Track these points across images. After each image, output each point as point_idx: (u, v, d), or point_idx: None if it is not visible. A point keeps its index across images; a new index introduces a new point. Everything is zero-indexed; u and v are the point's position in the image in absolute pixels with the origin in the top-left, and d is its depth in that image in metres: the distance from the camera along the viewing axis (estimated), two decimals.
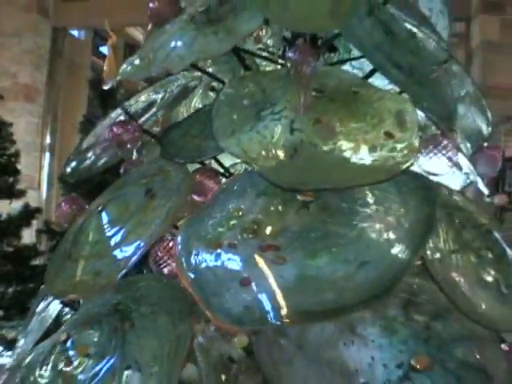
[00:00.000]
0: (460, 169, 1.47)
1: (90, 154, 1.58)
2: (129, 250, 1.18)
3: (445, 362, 1.03)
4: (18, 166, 2.71)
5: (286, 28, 1.26)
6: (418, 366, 0.97)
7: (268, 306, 0.89)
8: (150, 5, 1.51)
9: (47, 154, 5.96)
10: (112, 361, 1.07)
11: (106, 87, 2.27)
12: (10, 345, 2.46)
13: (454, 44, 6.11)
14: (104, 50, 7.44)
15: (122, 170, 1.70)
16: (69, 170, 1.56)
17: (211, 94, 1.72)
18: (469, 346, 1.09)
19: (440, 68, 1.36)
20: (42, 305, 1.57)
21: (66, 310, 1.54)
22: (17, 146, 2.72)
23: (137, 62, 1.50)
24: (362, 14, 1.18)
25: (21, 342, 1.60)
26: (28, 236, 2.96)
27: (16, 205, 2.80)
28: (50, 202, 5.53)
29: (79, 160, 1.59)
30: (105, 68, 3.22)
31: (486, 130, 1.57)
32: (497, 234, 1.33)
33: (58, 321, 1.60)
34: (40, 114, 5.67)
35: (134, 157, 1.71)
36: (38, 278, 2.71)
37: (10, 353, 2.56)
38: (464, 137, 1.61)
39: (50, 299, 1.47)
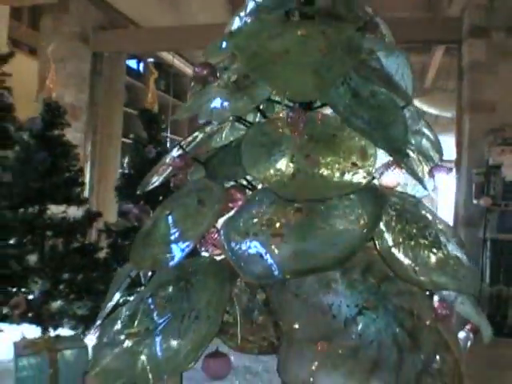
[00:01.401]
0: (420, 182, 2.07)
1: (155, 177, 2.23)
2: (181, 246, 1.82)
3: (386, 306, 1.63)
4: (81, 180, 3.38)
5: (286, 97, 1.89)
6: (368, 306, 1.59)
7: (276, 268, 1.52)
8: (196, 70, 2.16)
9: (88, 163, 6.65)
10: (182, 308, 1.70)
11: (171, 118, 2.90)
12: (80, 320, 3.11)
13: (449, 63, 6.66)
14: (131, 63, 8.13)
15: (172, 185, 2.34)
16: (141, 187, 2.21)
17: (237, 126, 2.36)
18: (404, 297, 1.70)
19: (398, 113, 1.97)
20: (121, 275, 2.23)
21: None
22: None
23: (186, 109, 2.18)
24: (337, 84, 1.81)
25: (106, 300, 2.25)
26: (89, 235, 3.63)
27: (74, 209, 3.45)
28: (92, 204, 6.20)
29: (147, 180, 2.24)
30: (149, 99, 3.90)
31: (437, 158, 2.18)
32: (434, 228, 1.93)
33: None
34: (83, 130, 6.36)
35: (180, 176, 2.34)
36: (99, 268, 3.37)
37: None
38: (422, 158, 2.22)
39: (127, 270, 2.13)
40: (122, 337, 1.82)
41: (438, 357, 1.93)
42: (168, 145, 6.00)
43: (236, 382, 2.53)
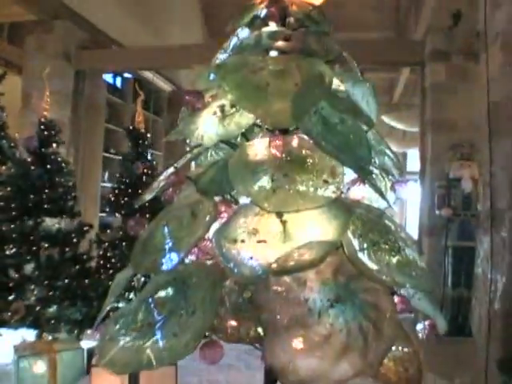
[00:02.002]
0: (381, 196, 2.38)
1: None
2: (177, 253, 2.11)
3: (353, 300, 1.93)
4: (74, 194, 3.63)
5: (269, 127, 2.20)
6: (338, 300, 1.90)
7: (260, 269, 1.82)
8: (187, 97, 2.46)
9: None
10: (180, 305, 1.98)
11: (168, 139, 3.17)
12: (75, 324, 3.33)
13: (415, 80, 7.08)
14: (107, 77, 8.34)
15: (163, 199, 2.62)
16: (138, 201, 2.49)
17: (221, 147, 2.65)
18: (369, 293, 2.01)
19: (362, 137, 2.29)
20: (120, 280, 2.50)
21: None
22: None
23: (177, 132, 2.47)
24: (310, 113, 2.13)
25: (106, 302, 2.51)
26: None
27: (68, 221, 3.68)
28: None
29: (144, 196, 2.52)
30: (137, 119, 4.17)
31: (396, 174, 2.51)
32: (394, 235, 2.25)
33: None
34: (65, 146, 6.54)
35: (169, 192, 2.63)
36: (91, 275, 3.60)
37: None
38: (385, 174, 2.55)
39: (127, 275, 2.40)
40: (127, 332, 2.09)
41: (399, 345, 2.27)
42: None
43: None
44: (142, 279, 2.71)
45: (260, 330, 2.07)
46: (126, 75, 8.06)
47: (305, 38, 2.47)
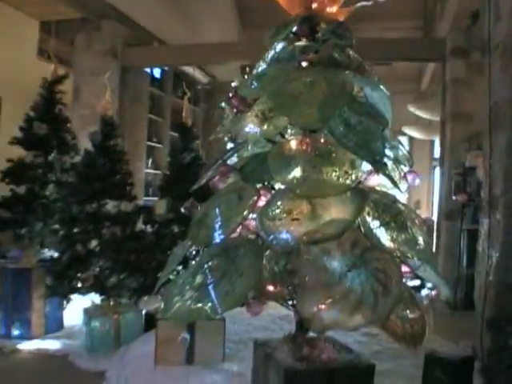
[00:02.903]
0: (394, 184, 2.85)
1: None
2: (227, 228, 2.64)
3: (367, 267, 2.42)
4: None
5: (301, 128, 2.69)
6: (354, 266, 2.40)
7: (294, 241, 2.34)
8: (233, 102, 2.97)
9: None
10: (230, 269, 2.51)
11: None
12: (134, 291, 3.89)
13: (436, 78, 7.42)
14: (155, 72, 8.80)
15: (211, 186, 3.14)
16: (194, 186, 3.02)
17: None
18: (379, 262, 2.50)
19: (378, 135, 2.76)
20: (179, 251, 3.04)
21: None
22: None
23: (224, 130, 3.00)
24: (334, 116, 2.61)
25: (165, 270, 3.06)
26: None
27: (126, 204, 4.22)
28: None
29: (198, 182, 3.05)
30: (184, 114, 4.69)
31: (407, 166, 2.96)
32: (404, 215, 2.72)
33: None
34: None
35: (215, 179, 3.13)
36: (146, 250, 4.15)
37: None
38: (398, 166, 3.01)
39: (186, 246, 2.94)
40: (187, 291, 2.62)
41: (407, 308, 2.77)
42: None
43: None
44: (194, 252, 3.23)
45: (292, 290, 2.59)
46: (166, 68, 8.60)
47: (331, 51, 2.92)
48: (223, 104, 4.70)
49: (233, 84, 9.06)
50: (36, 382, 3.14)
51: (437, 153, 10.55)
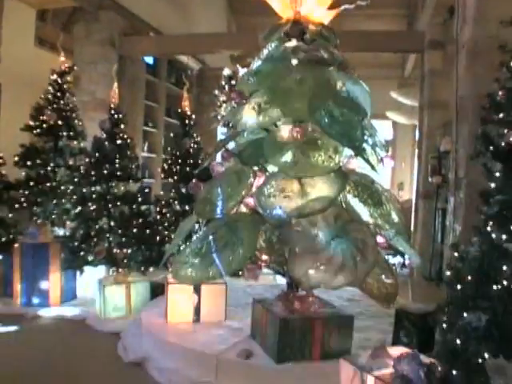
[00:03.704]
0: (371, 167, 3.29)
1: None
2: (229, 204, 3.09)
3: (347, 236, 2.87)
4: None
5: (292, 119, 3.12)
6: (337, 236, 2.86)
7: (286, 214, 2.79)
8: (233, 96, 3.39)
9: None
10: (232, 239, 2.96)
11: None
12: (141, 263, 4.32)
13: (418, 65, 7.85)
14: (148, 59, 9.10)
15: (211, 169, 3.58)
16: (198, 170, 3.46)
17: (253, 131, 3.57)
18: (358, 232, 2.95)
19: (357, 125, 3.20)
20: (184, 224, 3.48)
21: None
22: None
23: (224, 120, 3.43)
24: (320, 109, 3.05)
25: (173, 242, 3.51)
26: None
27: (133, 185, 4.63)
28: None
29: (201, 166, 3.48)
30: (183, 103, 5.09)
31: (382, 152, 3.39)
32: (380, 193, 3.18)
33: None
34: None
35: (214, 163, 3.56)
36: (151, 227, 4.57)
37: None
38: (376, 151, 3.45)
39: (192, 221, 3.38)
40: (194, 258, 3.07)
41: (382, 273, 3.23)
42: None
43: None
44: (197, 227, 3.68)
45: (284, 257, 3.05)
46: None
47: (317, 51, 3.34)
48: (216, 92, 5.12)
49: (224, 72, 9.47)
50: (59, 340, 3.56)
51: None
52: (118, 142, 4.40)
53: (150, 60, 9.13)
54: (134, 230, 4.24)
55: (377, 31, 7.35)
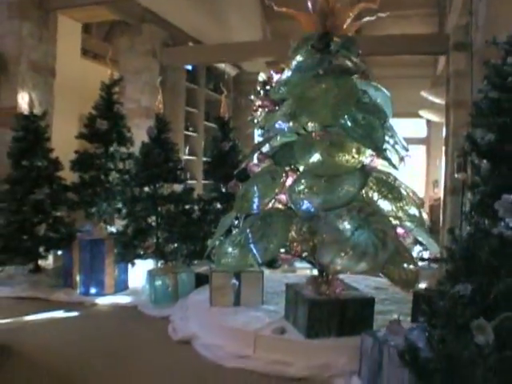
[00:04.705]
0: (392, 166, 3.61)
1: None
2: (265, 201, 3.46)
3: (369, 227, 3.19)
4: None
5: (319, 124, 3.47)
6: (360, 226, 3.19)
7: (315, 209, 3.14)
8: (266, 103, 3.77)
9: None
10: (267, 231, 3.33)
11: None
12: (186, 256, 4.73)
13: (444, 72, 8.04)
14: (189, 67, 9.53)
15: (248, 169, 3.96)
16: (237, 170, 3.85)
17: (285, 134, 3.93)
18: (379, 224, 3.28)
19: (379, 127, 3.52)
20: (225, 220, 3.88)
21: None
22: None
23: (258, 126, 3.81)
24: (344, 115, 3.39)
25: (214, 236, 3.91)
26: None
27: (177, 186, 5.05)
28: None
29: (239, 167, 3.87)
30: (222, 109, 5.48)
31: (403, 153, 3.70)
32: (401, 188, 3.50)
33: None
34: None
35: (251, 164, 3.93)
36: (194, 224, 4.98)
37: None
38: (395, 151, 3.76)
39: (232, 216, 3.77)
40: (234, 248, 3.46)
41: (403, 261, 3.53)
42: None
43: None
44: (236, 222, 4.07)
45: (313, 247, 3.40)
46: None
47: (341, 61, 3.67)
48: (252, 97, 5.54)
49: (259, 77, 9.91)
50: (116, 323, 3.99)
51: None
52: (164, 147, 4.80)
53: (189, 66, 9.57)
54: (180, 227, 4.63)
55: (402, 35, 7.61)
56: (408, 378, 2.20)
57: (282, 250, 3.43)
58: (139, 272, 4.87)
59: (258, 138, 9.41)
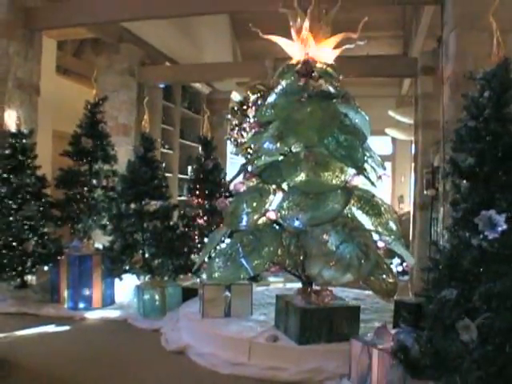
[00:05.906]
0: (371, 183, 3.88)
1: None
2: (253, 217, 3.69)
3: (353, 240, 3.43)
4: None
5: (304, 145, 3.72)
6: (344, 241, 3.44)
7: (302, 224, 3.38)
8: (253, 125, 4.01)
9: None
10: (257, 245, 3.55)
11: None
12: (172, 271, 4.90)
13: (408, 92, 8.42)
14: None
15: (234, 188, 4.17)
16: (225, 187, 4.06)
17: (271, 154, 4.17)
18: (362, 238, 3.53)
19: (358, 148, 3.79)
20: (214, 235, 4.07)
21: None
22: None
23: (246, 146, 4.04)
24: (328, 136, 3.65)
25: (204, 251, 4.11)
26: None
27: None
28: None
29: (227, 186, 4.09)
30: (204, 129, 5.70)
31: (380, 170, 3.96)
32: (380, 205, 3.76)
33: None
34: (132, 144, 8.06)
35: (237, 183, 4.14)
36: (179, 239, 5.15)
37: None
38: (374, 170, 4.03)
39: (222, 232, 3.96)
40: (225, 262, 3.66)
41: (383, 273, 3.80)
42: None
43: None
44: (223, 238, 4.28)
45: (300, 260, 3.63)
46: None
47: (324, 86, 3.93)
48: (229, 116, 5.79)
49: (232, 96, 10.21)
50: (107, 336, 4.11)
51: None
52: (150, 165, 4.99)
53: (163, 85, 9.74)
54: (165, 242, 4.81)
55: (373, 56, 7.99)
56: (397, 378, 2.42)
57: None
58: (124, 287, 5.00)
59: (230, 156, 9.67)
